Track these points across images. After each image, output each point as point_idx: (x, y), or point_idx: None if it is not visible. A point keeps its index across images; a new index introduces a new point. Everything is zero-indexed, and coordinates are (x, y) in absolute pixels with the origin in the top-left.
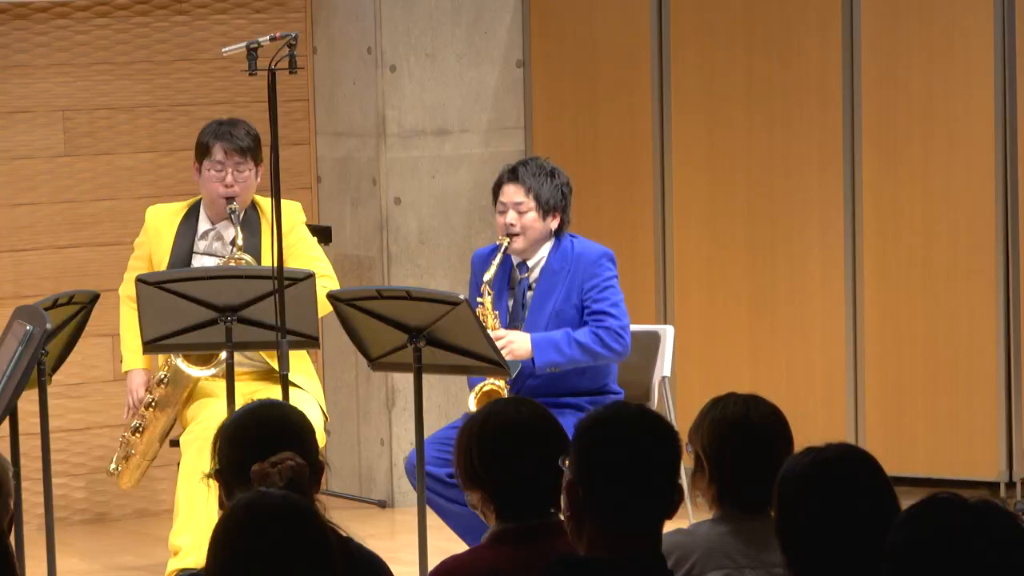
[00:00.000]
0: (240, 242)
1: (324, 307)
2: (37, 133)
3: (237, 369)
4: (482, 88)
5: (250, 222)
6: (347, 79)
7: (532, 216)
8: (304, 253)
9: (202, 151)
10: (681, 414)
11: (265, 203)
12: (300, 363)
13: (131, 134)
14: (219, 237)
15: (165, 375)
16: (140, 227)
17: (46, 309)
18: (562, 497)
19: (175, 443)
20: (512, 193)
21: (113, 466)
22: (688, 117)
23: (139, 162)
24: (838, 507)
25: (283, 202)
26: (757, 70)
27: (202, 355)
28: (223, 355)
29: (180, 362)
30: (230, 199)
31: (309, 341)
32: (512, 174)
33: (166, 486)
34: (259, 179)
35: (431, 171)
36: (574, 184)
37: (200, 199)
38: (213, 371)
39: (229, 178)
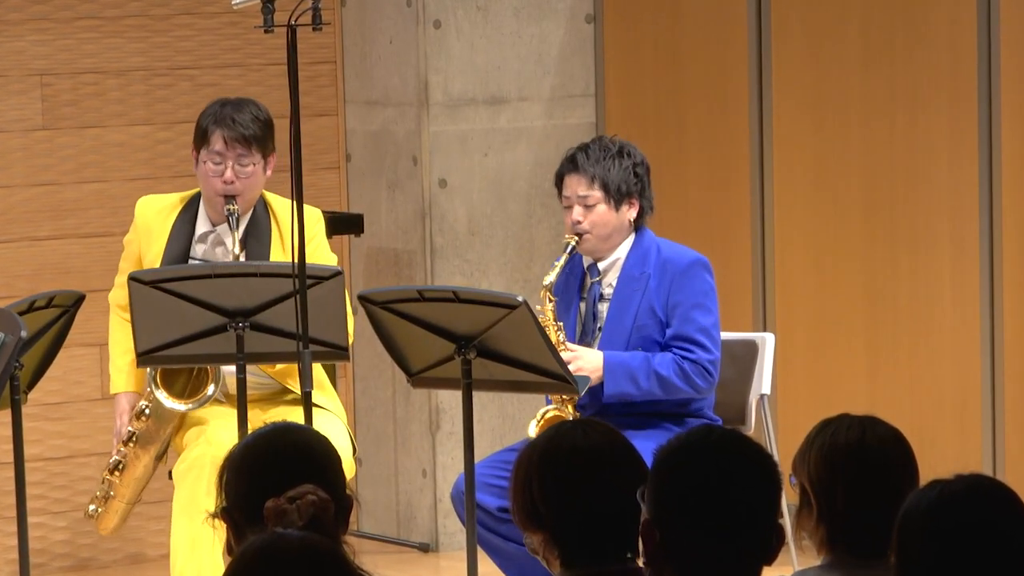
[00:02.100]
0: (236, 251)
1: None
2: (10, 102)
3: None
4: (544, 48)
5: (257, 226)
6: (382, 37)
7: (601, 209)
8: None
9: (200, 137)
10: (783, 440)
11: (278, 203)
12: (316, 379)
13: (122, 103)
14: (220, 242)
15: (146, 405)
16: (132, 214)
17: (20, 313)
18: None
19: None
20: (574, 185)
21: (92, 507)
22: (791, 90)
23: (132, 137)
24: (969, 550)
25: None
26: (874, 38)
27: (191, 381)
28: (211, 389)
29: (160, 393)
30: (230, 198)
31: (337, 352)
32: (571, 163)
33: (163, 526)
34: (269, 172)
35: (483, 148)
36: (654, 164)
37: (199, 192)
38: (192, 405)
39: (229, 173)
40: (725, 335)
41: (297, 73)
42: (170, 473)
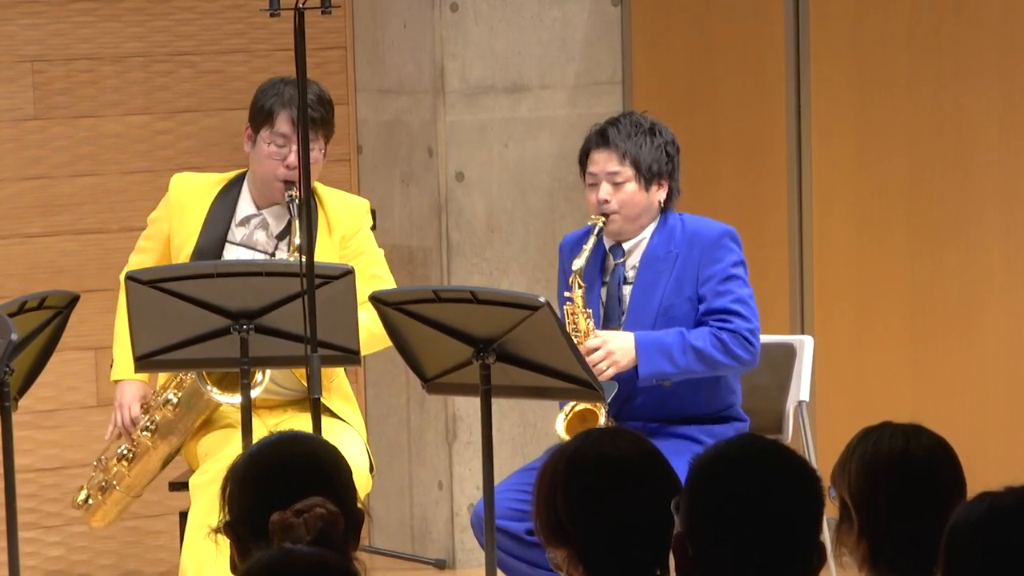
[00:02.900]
0: (297, 240)
1: (375, 331)
2: None
3: (264, 396)
4: (568, 32)
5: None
6: (396, 21)
7: (631, 188)
8: (366, 269)
9: (262, 117)
10: (822, 449)
11: (325, 191)
12: (339, 386)
13: (119, 92)
14: (264, 225)
15: (175, 395)
16: (129, 209)
17: (11, 315)
18: (671, 555)
19: (176, 487)
20: (603, 161)
21: (83, 495)
22: (832, 70)
23: (129, 127)
24: (1021, 567)
25: (348, 197)
26: (921, 10)
27: (230, 374)
28: (260, 375)
29: (205, 384)
30: (291, 183)
31: (347, 356)
32: (601, 137)
33: (164, 540)
34: (326, 157)
35: (503, 138)
36: (685, 153)
37: (242, 173)
38: (239, 398)
39: (292, 157)
40: (761, 338)
41: (305, 60)
42: (171, 485)
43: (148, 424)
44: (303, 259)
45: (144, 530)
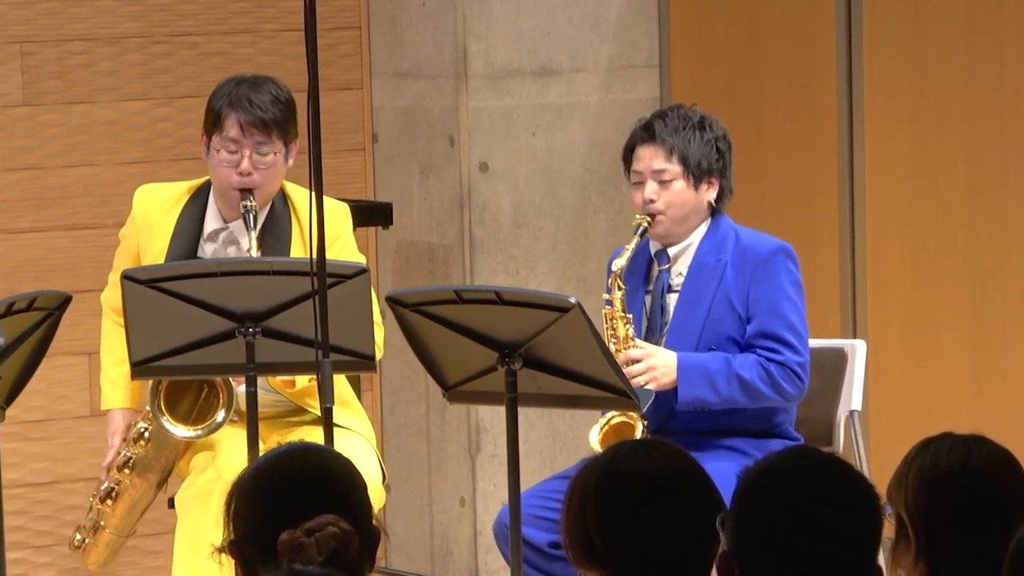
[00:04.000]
0: (254, 252)
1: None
2: None
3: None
4: (601, 10)
5: (276, 222)
6: None
7: (679, 186)
8: None
9: (212, 121)
10: (876, 463)
11: (299, 195)
12: (339, 394)
13: (115, 76)
14: (233, 241)
15: (146, 428)
16: (125, 203)
17: None
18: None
19: (175, 504)
20: (649, 158)
21: (79, 537)
22: (886, 59)
23: (125, 114)
24: None
25: (326, 200)
26: None
27: (200, 401)
28: (221, 415)
29: (163, 418)
30: (246, 192)
31: (362, 362)
32: (646, 132)
33: (161, 562)
34: (291, 162)
35: (530, 126)
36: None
37: (209, 181)
38: (200, 432)
39: (246, 163)
40: (809, 343)
41: (316, 41)
42: (170, 501)
43: (128, 459)
44: (314, 256)
45: (143, 549)
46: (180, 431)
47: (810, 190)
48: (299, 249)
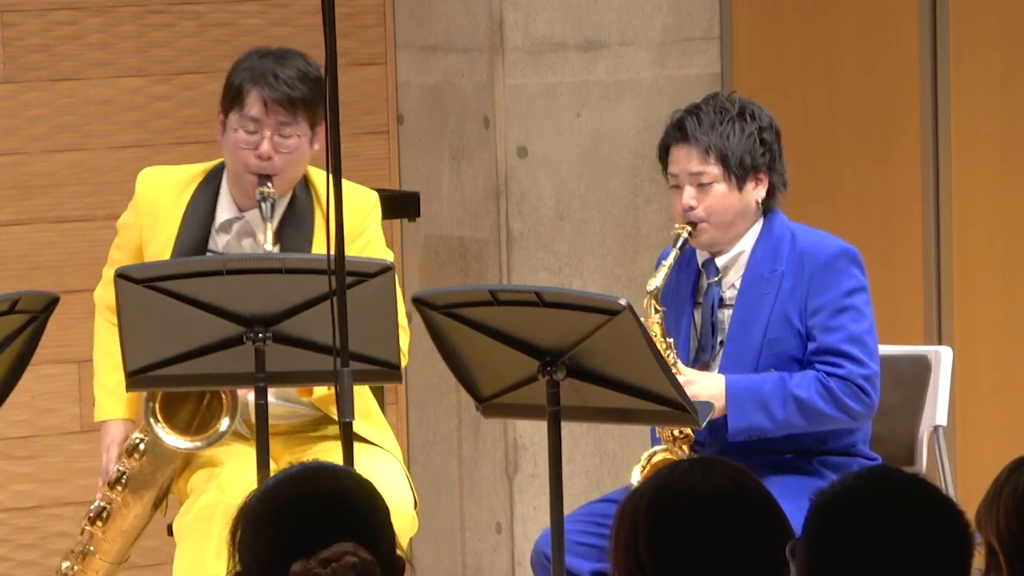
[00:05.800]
0: (270, 245)
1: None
2: None
3: (273, 422)
4: None
5: (296, 213)
6: None
7: (720, 189)
8: None
9: (231, 97)
10: (963, 484)
11: (323, 182)
12: (361, 406)
13: (107, 49)
14: (249, 232)
15: (141, 439)
16: (119, 192)
17: None
18: None
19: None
20: (683, 159)
21: (66, 564)
22: (975, 31)
23: (120, 92)
24: None
25: (352, 189)
26: None
27: (200, 411)
28: (224, 423)
29: (159, 427)
30: (264, 178)
31: (386, 371)
32: (678, 131)
33: None
34: (317, 146)
35: (575, 106)
36: (796, 131)
37: (222, 164)
38: (200, 444)
39: (266, 145)
40: (888, 349)
41: (334, 10)
42: (169, 528)
43: (121, 475)
44: (332, 252)
45: None
46: (178, 442)
47: (890, 179)
48: (322, 244)
